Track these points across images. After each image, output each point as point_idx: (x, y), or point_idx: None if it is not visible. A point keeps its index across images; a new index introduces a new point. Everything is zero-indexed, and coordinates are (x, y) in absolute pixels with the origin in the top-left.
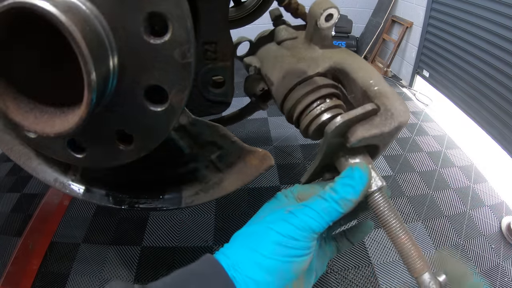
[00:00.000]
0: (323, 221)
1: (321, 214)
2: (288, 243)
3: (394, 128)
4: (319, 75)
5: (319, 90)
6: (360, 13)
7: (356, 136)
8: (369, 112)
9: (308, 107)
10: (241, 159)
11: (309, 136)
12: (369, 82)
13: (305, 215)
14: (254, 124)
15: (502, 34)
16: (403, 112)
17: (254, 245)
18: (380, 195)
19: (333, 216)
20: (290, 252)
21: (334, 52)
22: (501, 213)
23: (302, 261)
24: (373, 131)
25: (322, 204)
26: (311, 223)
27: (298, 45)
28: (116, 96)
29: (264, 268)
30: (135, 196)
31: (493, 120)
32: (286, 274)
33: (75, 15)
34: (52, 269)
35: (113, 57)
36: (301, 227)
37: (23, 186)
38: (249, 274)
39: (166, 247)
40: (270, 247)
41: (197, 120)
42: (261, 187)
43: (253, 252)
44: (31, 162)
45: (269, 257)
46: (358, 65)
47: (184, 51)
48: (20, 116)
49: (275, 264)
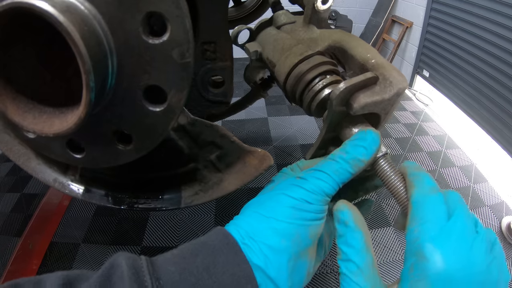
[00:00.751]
0: (334, 183)
1: (332, 176)
2: (303, 206)
3: (394, 94)
4: (319, 53)
5: (320, 66)
6: (360, 13)
7: (359, 102)
8: (370, 79)
9: (310, 83)
10: (240, 159)
11: (312, 112)
12: (366, 56)
13: (316, 179)
14: (254, 124)
15: (502, 34)
16: (401, 79)
17: (268, 211)
18: (385, 160)
19: (344, 177)
20: (304, 215)
21: (332, 32)
22: (501, 213)
23: (316, 225)
24: (375, 97)
25: (332, 165)
26: (323, 185)
27: (297, 28)
28: (115, 96)
29: (279, 233)
30: (135, 196)
31: (493, 120)
32: (302, 239)
33: (73, 15)
34: (52, 269)
35: (112, 57)
36: (313, 190)
37: (23, 186)
38: (265, 240)
39: (166, 247)
40: (285, 211)
41: (196, 120)
42: (261, 187)
43: (267, 219)
44: (30, 162)
45: (284, 221)
46: (355, 42)
47: (183, 51)
48: (19, 116)
49: (290, 228)
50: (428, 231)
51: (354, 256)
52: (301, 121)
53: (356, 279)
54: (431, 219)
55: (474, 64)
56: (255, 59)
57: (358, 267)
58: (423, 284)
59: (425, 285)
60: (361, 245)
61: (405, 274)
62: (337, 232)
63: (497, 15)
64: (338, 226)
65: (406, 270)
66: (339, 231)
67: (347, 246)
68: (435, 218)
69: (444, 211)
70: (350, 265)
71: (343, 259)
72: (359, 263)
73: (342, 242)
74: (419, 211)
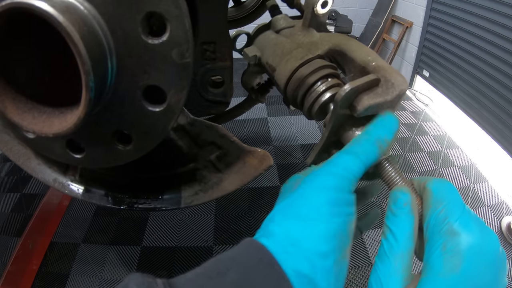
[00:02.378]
0: (362, 164)
1: (360, 157)
2: (338, 199)
3: (396, 96)
4: (319, 57)
5: (321, 70)
6: (360, 13)
7: (362, 104)
8: (372, 81)
9: (312, 86)
10: (240, 159)
11: (313, 116)
12: (367, 58)
13: (345, 160)
14: (254, 124)
15: (502, 34)
16: (401, 81)
17: (304, 212)
18: (388, 162)
19: (371, 158)
20: (342, 209)
21: (331, 36)
22: (501, 213)
23: (352, 220)
24: (378, 99)
25: (358, 146)
26: (352, 166)
27: (296, 32)
28: (115, 96)
29: (323, 234)
30: (134, 196)
31: (493, 120)
32: (344, 237)
33: (72, 15)
34: (52, 269)
35: (111, 57)
36: (343, 175)
37: (23, 186)
38: (309, 245)
39: (166, 247)
40: (322, 209)
41: (196, 120)
42: (261, 187)
43: (305, 221)
44: (30, 162)
45: (324, 221)
46: (355, 45)
47: (182, 51)
48: (18, 116)
49: (332, 227)
50: (455, 211)
51: (401, 239)
52: (301, 121)
53: (395, 263)
54: (454, 200)
55: (474, 64)
56: (254, 64)
57: (402, 252)
58: (457, 259)
59: (459, 259)
60: (410, 231)
61: (435, 256)
62: (390, 212)
63: (497, 15)
64: (394, 206)
65: (436, 251)
66: (394, 211)
67: (396, 228)
68: (457, 200)
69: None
70: (395, 248)
71: (388, 239)
72: (403, 248)
73: (393, 222)
74: (440, 194)
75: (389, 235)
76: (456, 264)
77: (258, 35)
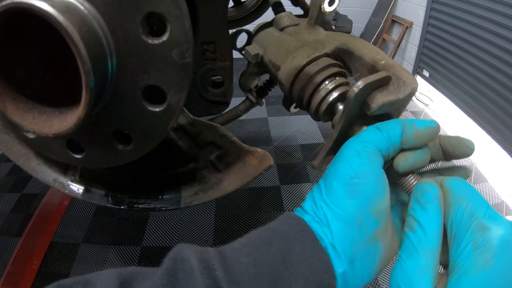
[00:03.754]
0: (384, 139)
1: (383, 132)
2: (356, 177)
3: (408, 94)
4: (326, 55)
5: (329, 68)
6: (360, 13)
7: (376, 102)
8: (384, 78)
9: (319, 85)
10: (240, 159)
11: (320, 116)
12: (376, 57)
13: (366, 134)
14: (254, 124)
15: (502, 34)
16: (412, 80)
17: (326, 194)
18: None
19: (395, 136)
20: (360, 188)
21: (337, 34)
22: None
23: (377, 199)
24: (391, 97)
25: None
26: (374, 139)
27: (301, 30)
28: (115, 97)
29: (340, 217)
30: (134, 196)
31: (493, 120)
32: (365, 219)
33: (73, 15)
34: (52, 269)
35: (111, 57)
36: (364, 147)
37: (23, 186)
38: (331, 227)
39: (166, 247)
40: (340, 191)
41: (196, 120)
42: (261, 187)
43: (327, 204)
44: (30, 162)
45: (342, 203)
46: (362, 44)
47: (182, 51)
48: (18, 116)
49: (350, 209)
50: (481, 206)
51: (431, 234)
52: (301, 121)
53: (425, 259)
54: (476, 196)
55: (474, 64)
56: (254, 64)
57: (432, 248)
58: (489, 254)
59: (491, 253)
60: (440, 226)
61: (465, 253)
62: (417, 204)
63: (497, 15)
64: (422, 198)
65: (467, 248)
66: (423, 203)
67: (426, 222)
68: (478, 195)
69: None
70: (424, 243)
71: (417, 233)
72: (433, 243)
73: (422, 216)
74: (461, 191)
75: (418, 229)
76: (488, 259)
77: (259, 33)
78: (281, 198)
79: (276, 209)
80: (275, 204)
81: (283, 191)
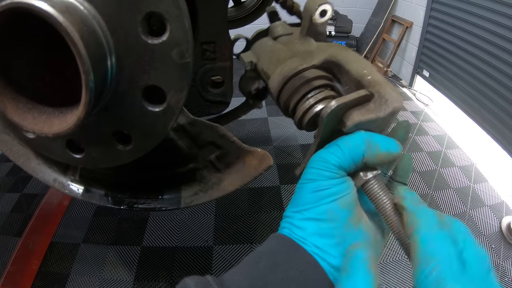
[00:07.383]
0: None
1: (342, 148)
2: (320, 184)
3: (389, 113)
4: (314, 67)
5: (314, 81)
6: (360, 13)
7: (352, 120)
8: (363, 97)
9: (302, 97)
10: (240, 159)
11: (303, 126)
12: (362, 72)
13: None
14: (254, 124)
15: (502, 34)
16: (396, 98)
17: (298, 205)
18: (377, 181)
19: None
20: (324, 193)
21: (328, 46)
22: (501, 213)
23: (340, 196)
24: (369, 115)
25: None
26: (330, 157)
27: (294, 40)
28: (114, 97)
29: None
30: (134, 196)
31: (493, 120)
32: (335, 213)
33: (72, 15)
34: (52, 269)
35: (111, 57)
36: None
37: (23, 186)
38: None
39: (166, 247)
40: (308, 198)
41: (196, 120)
42: (261, 187)
43: (299, 213)
44: (30, 163)
45: (311, 208)
46: (352, 57)
47: (182, 51)
48: (18, 116)
49: (319, 209)
50: (448, 271)
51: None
52: None
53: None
54: (447, 257)
55: (474, 64)
56: (250, 70)
57: None
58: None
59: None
60: None
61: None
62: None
63: (497, 15)
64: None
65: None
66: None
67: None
68: (450, 257)
69: (454, 249)
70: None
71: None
72: None
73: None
74: (432, 247)
75: None
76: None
77: (256, 41)
78: (281, 198)
79: (276, 209)
80: (275, 204)
81: (283, 191)
